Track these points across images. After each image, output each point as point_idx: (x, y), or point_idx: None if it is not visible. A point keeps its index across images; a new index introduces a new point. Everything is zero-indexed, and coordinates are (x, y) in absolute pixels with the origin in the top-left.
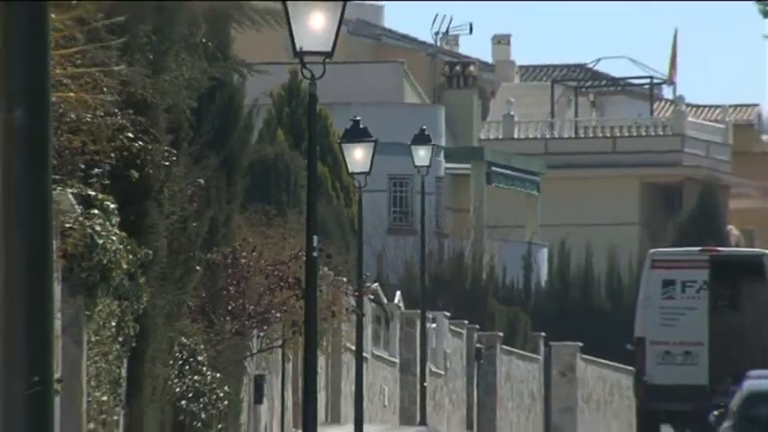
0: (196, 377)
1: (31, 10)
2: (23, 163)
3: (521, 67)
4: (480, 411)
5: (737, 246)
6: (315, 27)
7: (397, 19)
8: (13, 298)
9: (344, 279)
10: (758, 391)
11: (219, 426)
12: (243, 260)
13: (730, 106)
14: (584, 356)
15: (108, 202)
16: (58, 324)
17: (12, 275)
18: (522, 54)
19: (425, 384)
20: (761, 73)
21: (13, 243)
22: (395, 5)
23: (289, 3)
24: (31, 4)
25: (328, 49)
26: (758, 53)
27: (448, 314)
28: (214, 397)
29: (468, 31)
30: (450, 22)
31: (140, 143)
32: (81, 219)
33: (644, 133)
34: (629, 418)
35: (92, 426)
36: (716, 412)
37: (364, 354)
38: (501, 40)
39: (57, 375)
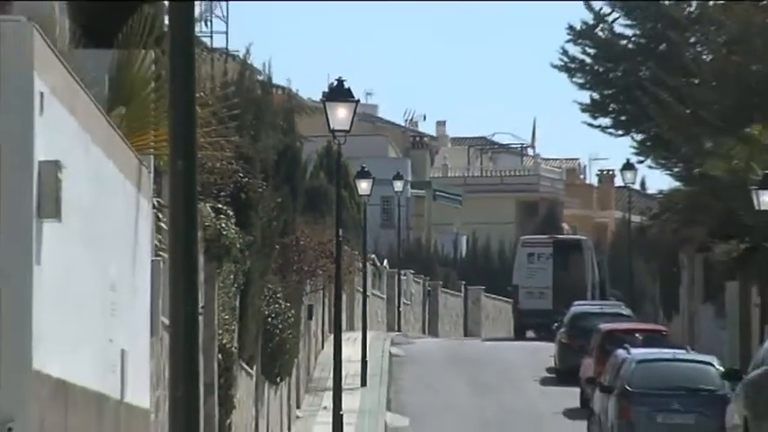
0: (275, 305)
1: (187, 109)
2: (182, 190)
3: (452, 138)
4: (430, 324)
5: (567, 234)
6: (340, 116)
7: (384, 109)
8: (176, 263)
9: (356, 252)
10: (579, 312)
11: (288, 332)
12: (301, 242)
13: (566, 159)
14: (486, 294)
15: (229, 211)
16: (201, 276)
17: (176, 250)
18: (453, 130)
19: (400, 309)
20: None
21: (178, 233)
22: (383, 103)
23: (327, 103)
24: (188, 107)
25: (347, 128)
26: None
27: (412, 272)
28: (285, 316)
29: (423, 119)
30: (414, 112)
31: (246, 179)
32: (213, 220)
33: (517, 173)
34: (509, 328)
35: (220, 332)
36: (556, 324)
37: (367, 293)
38: (440, 124)
39: (201, 305)
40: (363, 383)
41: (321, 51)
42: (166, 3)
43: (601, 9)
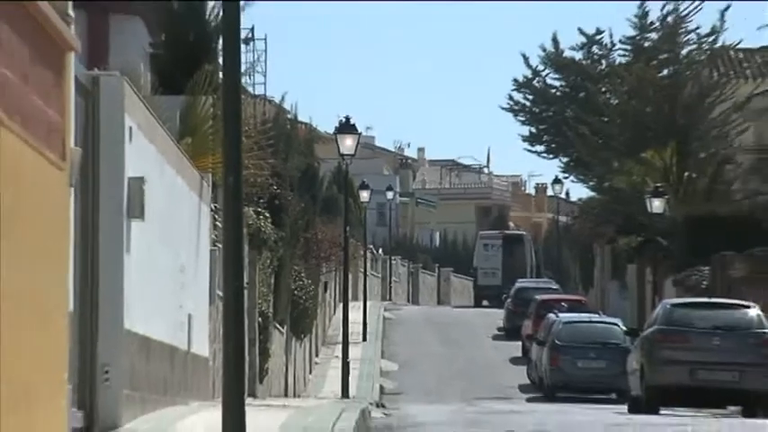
0: (300, 282)
1: (235, 139)
2: (231, 199)
3: (428, 160)
4: (413, 295)
5: (512, 231)
6: (347, 144)
7: (379, 138)
8: (227, 252)
9: (359, 243)
10: (521, 287)
11: (309, 301)
12: (319, 236)
13: (511, 175)
14: (453, 274)
15: (266, 213)
16: (246, 261)
17: (227, 242)
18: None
19: (391, 285)
20: (524, 158)
21: (229, 229)
22: (379, 134)
23: (338, 135)
24: (236, 138)
25: (352, 153)
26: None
27: (400, 257)
28: (307, 290)
29: (408, 145)
30: (401, 142)
31: (278, 190)
32: (255, 220)
33: (476, 186)
34: (470, 298)
35: (260, 301)
36: (504, 295)
37: (367, 273)
38: (421, 150)
39: (246, 282)
40: (364, 339)
41: (335, 92)
42: (221, 61)
43: (536, 66)
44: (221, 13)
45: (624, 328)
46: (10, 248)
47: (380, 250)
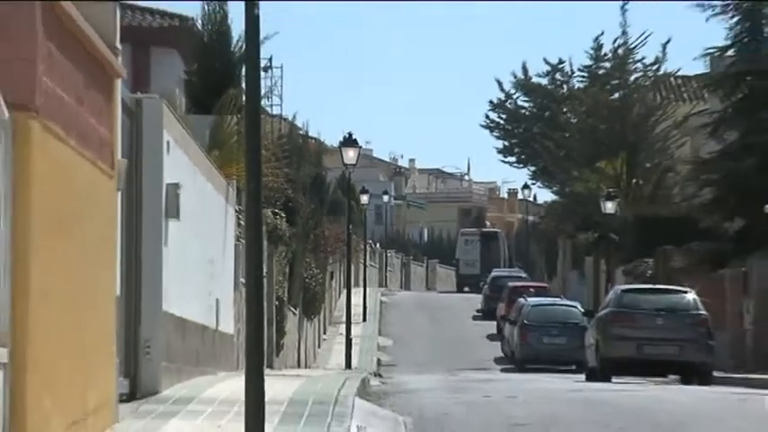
0: (310, 271)
1: (256, 152)
2: (252, 203)
3: (418, 168)
4: (405, 283)
5: (489, 228)
6: (350, 155)
7: (377, 150)
8: (249, 246)
9: (359, 239)
10: (496, 275)
11: (318, 287)
12: (326, 233)
13: (488, 182)
14: (439, 265)
15: (281, 213)
16: (265, 254)
17: (249, 238)
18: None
19: (386, 274)
20: (498, 167)
21: (250, 227)
22: (376, 146)
23: (342, 147)
24: (256, 151)
25: (354, 163)
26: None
27: (394, 251)
28: (317, 278)
29: (401, 156)
30: (395, 154)
31: (292, 194)
32: (272, 219)
33: (458, 191)
34: (453, 285)
35: (276, 288)
36: (482, 283)
37: (366, 264)
38: (412, 160)
39: (264, 272)
40: (364, 319)
41: (339, 110)
42: (244, 86)
43: (509, 90)
44: (244, 47)
45: (582, 310)
46: (71, 244)
47: (378, 245)
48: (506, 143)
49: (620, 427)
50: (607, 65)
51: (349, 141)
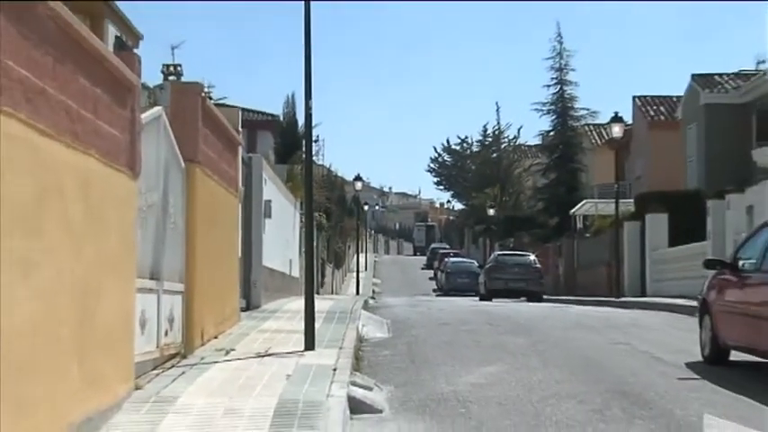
0: (338, 245)
1: (310, 185)
2: (308, 209)
3: (394, 192)
4: (387, 251)
5: (430, 222)
6: (358, 185)
7: (372, 181)
8: (307, 232)
9: (362, 229)
10: (434, 247)
11: (342, 253)
12: (346, 225)
13: (430, 199)
14: (405, 241)
15: (323, 214)
16: (314, 235)
17: (307, 227)
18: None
19: (376, 247)
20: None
21: (308, 224)
22: (372, 178)
23: (354, 182)
24: (310, 184)
25: (360, 188)
26: None
27: (381, 234)
28: (341, 248)
29: (386, 185)
30: (382, 184)
31: (329, 205)
32: (318, 218)
33: (415, 203)
34: (412, 252)
35: (321, 253)
36: (427, 251)
37: (366, 241)
38: (390, 186)
39: (314, 244)
40: (366, 269)
41: (353, 158)
42: (304, 149)
43: (439, 152)
44: (304, 129)
45: (478, 264)
46: (216, 230)
47: (373, 232)
48: (439, 178)
49: (498, 324)
50: (489, 139)
51: (357, 178)
